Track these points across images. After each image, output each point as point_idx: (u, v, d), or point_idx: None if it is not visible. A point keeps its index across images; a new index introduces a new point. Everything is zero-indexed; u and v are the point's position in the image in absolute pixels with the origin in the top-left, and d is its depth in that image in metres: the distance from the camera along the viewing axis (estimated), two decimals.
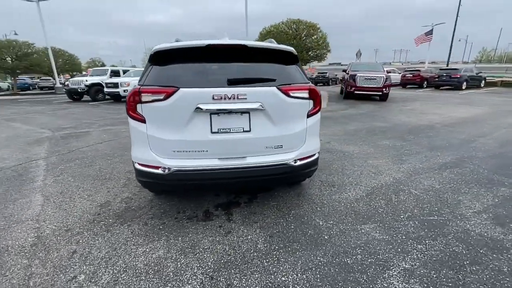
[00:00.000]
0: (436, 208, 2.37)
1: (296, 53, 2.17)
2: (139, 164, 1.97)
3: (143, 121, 1.86)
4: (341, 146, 4.44)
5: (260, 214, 2.31)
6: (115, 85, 12.49)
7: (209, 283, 1.57)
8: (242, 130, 1.91)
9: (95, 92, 13.30)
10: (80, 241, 1.97)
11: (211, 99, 1.80)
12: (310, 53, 10.88)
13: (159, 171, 1.89)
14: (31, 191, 2.82)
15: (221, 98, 1.81)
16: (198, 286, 1.55)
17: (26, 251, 1.86)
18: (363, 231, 2.06)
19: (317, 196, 2.65)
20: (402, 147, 4.31)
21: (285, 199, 2.58)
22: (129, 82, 12.51)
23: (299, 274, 1.62)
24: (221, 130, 1.89)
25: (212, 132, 1.89)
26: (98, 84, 13.34)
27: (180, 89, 1.79)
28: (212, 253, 1.83)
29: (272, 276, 1.61)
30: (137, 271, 1.66)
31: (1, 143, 4.96)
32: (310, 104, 2.08)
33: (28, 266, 1.71)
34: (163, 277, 1.62)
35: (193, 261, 1.75)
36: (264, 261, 1.75)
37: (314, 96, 2.08)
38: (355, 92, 11.04)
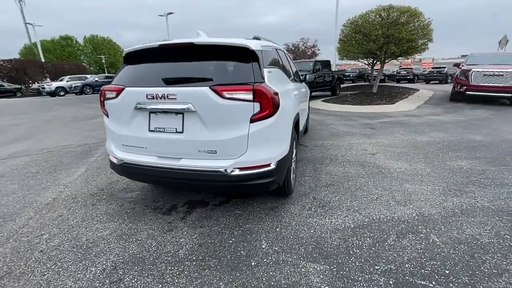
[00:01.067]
0: (448, 271, 1.56)
1: (254, 49, 1.88)
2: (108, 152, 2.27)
3: (107, 115, 2.13)
4: (386, 160, 3.54)
5: (215, 220, 2.20)
6: None
7: (108, 270, 1.66)
8: (175, 131, 1.86)
9: None
10: (71, 208, 2.47)
11: (145, 98, 1.85)
12: (406, 44, 8.92)
13: (115, 161, 2.11)
14: (84, 164, 3.72)
15: (153, 98, 1.82)
16: (99, 270, 1.67)
17: (39, 207, 2.51)
18: (303, 270, 1.62)
19: (292, 214, 2.25)
20: (483, 173, 3.01)
21: (253, 210, 2.34)
22: None
23: None
24: (157, 129, 1.91)
25: (149, 130, 1.93)
26: None
27: (126, 88, 1.93)
28: (139, 245, 1.90)
29: (161, 286, 1.53)
30: (77, 243, 1.95)
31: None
32: (254, 107, 1.77)
33: (29, 218, 2.31)
34: (87, 254, 1.82)
35: (119, 247, 1.88)
36: (169, 268, 1.67)
37: (261, 98, 1.75)
38: (467, 92, 8.37)
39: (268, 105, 1.78)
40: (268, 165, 1.89)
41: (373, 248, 1.80)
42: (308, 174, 3.13)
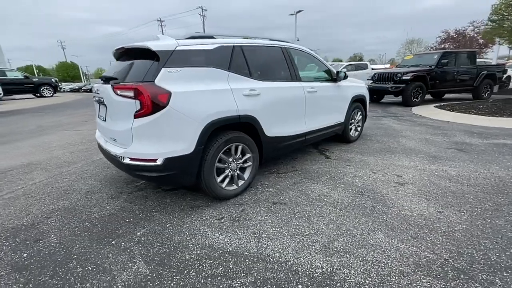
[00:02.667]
0: None
1: (155, 49, 1.95)
2: None
3: None
4: (409, 198, 2.48)
5: (144, 198, 2.51)
6: None
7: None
8: (103, 119, 2.28)
9: None
10: (82, 178, 3.52)
11: (95, 91, 2.38)
12: None
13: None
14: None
15: (95, 91, 2.32)
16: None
17: (74, 168, 3.74)
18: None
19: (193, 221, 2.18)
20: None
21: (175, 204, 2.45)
22: None
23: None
24: (100, 116, 2.40)
25: (98, 117, 2.46)
26: None
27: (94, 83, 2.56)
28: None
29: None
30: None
31: None
32: (136, 104, 1.87)
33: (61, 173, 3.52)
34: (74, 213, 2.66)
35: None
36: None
37: (140, 97, 1.84)
38: None
39: (146, 103, 1.86)
40: (154, 160, 1.98)
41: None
42: (287, 186, 2.76)
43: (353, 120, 4.20)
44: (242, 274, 1.56)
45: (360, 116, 4.35)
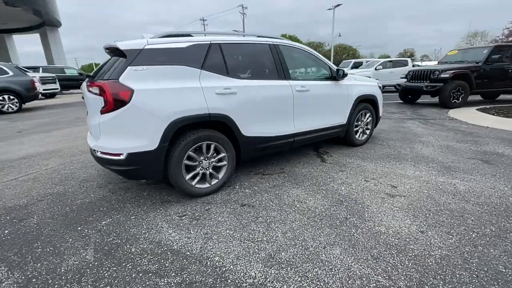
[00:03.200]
0: None
1: (123, 48, 2.03)
2: None
3: None
4: (394, 213, 2.21)
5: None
6: None
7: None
8: (87, 113, 2.45)
9: None
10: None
11: None
12: None
13: None
14: None
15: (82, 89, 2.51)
16: None
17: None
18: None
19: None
20: None
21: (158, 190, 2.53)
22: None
23: None
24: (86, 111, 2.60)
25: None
26: None
27: None
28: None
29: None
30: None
31: None
32: (102, 101, 1.96)
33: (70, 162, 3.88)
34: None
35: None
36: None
37: (104, 95, 1.94)
38: None
39: (109, 100, 1.95)
40: (118, 154, 2.07)
41: None
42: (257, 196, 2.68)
43: (359, 122, 3.87)
44: (173, 274, 1.56)
45: (370, 118, 3.99)
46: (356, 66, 14.96)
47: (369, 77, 12.43)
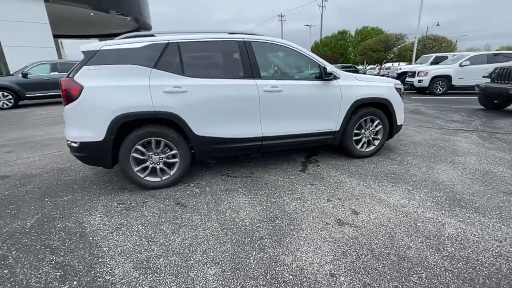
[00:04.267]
0: None
1: (82, 50, 2.30)
2: None
3: None
4: (310, 256, 1.85)
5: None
6: (413, 74, 11.29)
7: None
8: None
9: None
10: None
11: None
12: None
13: None
14: None
15: None
16: None
17: None
18: None
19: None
20: None
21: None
22: (427, 72, 10.54)
23: None
24: None
25: None
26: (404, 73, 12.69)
27: None
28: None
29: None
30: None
31: None
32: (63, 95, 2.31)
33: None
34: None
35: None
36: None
37: (61, 90, 2.29)
38: None
39: (64, 95, 2.27)
40: (75, 142, 2.39)
41: None
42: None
43: (362, 131, 3.26)
44: (62, 254, 1.74)
45: (379, 126, 3.31)
46: (437, 61, 12.39)
47: (449, 75, 10.14)
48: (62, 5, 13.68)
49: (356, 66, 25.53)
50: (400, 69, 13.67)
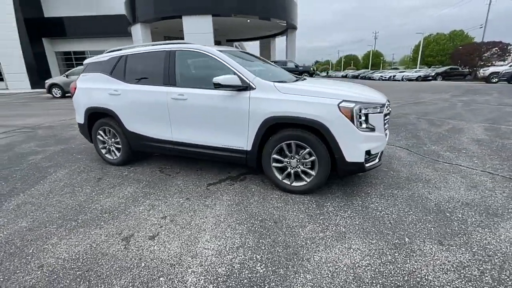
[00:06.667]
0: None
1: (83, 62, 3.47)
2: None
3: None
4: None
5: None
6: None
7: None
8: None
9: None
10: None
11: None
12: None
13: None
14: None
15: None
16: None
17: None
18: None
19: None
20: None
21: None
22: None
23: None
24: None
25: None
26: None
27: None
28: None
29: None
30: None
31: None
32: None
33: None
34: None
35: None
36: None
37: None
38: None
39: (71, 91, 3.60)
40: (78, 123, 3.74)
41: None
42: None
43: (287, 158, 2.49)
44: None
45: (313, 157, 2.36)
46: None
47: None
48: (226, 18, 18.07)
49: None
50: None
